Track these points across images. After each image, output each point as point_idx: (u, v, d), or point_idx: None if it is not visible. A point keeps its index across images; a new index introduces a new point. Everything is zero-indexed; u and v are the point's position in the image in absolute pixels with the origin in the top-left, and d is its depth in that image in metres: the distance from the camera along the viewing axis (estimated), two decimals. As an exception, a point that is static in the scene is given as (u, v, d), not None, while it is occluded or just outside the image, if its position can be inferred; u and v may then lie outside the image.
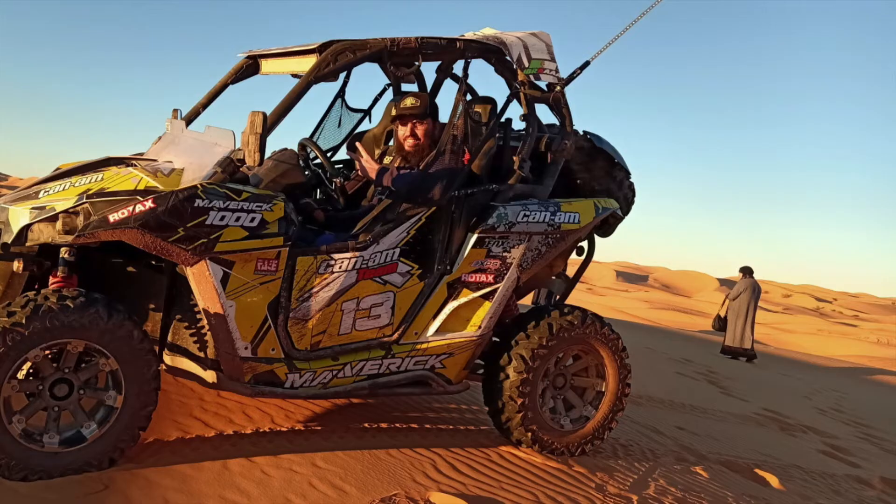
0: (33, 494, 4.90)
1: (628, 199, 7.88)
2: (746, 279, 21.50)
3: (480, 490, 6.02)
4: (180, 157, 5.97)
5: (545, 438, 7.05)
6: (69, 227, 5.16)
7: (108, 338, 5.16)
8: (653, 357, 17.05)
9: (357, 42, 6.08)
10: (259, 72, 7.18)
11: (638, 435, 9.03)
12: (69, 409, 5.28)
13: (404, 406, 7.96)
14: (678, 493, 7.08)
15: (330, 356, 6.21)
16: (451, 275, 6.57)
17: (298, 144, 7.40)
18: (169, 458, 5.65)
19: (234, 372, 5.83)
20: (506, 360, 6.88)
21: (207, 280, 5.50)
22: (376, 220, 6.21)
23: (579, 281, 8.10)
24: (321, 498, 5.42)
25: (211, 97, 7.32)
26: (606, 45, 7.04)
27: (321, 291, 6.00)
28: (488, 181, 6.74)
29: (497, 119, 6.92)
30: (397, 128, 7.04)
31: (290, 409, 7.10)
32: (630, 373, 7.49)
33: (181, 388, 7.07)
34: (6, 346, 4.84)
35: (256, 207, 5.55)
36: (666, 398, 12.13)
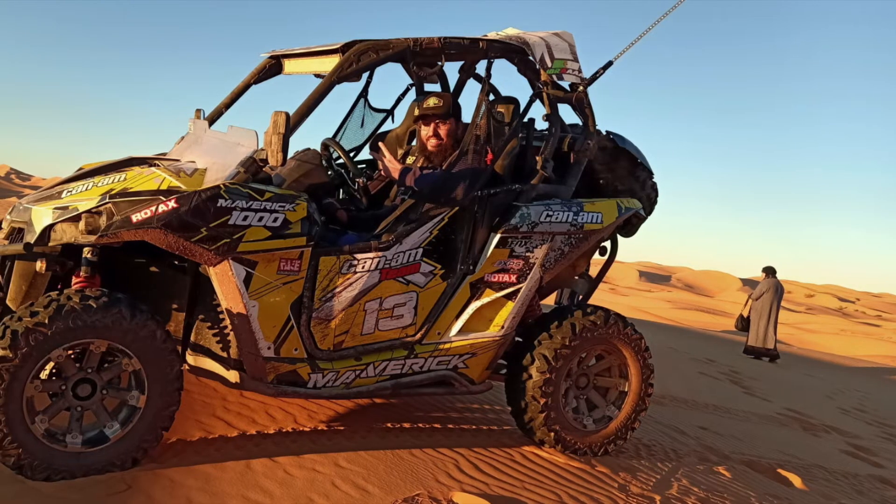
0: (56, 494, 4.86)
1: (651, 199, 7.79)
2: (769, 279, 21.35)
3: (503, 490, 5.96)
4: (203, 157, 5.92)
5: (568, 438, 6.99)
6: (92, 227, 5.13)
7: (130, 338, 5.12)
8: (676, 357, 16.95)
9: (380, 42, 6.03)
10: (282, 72, 7.13)
11: (661, 435, 8.94)
12: (92, 409, 5.23)
13: (427, 406, 7.89)
14: (701, 493, 7.00)
15: (353, 356, 6.16)
16: (474, 275, 6.50)
17: (321, 144, 7.31)
18: (192, 457, 5.61)
19: (257, 372, 5.78)
20: (529, 360, 6.81)
21: (230, 280, 5.45)
22: (399, 220, 6.16)
23: (602, 281, 8.02)
24: (344, 498, 5.37)
25: (234, 97, 7.28)
26: (629, 45, 6.96)
27: (344, 291, 5.94)
28: (511, 181, 6.68)
29: (520, 119, 6.86)
30: (420, 128, 6.98)
31: (313, 409, 7.04)
32: (653, 373, 7.42)
33: (204, 388, 7.03)
34: (29, 346, 4.81)
35: (279, 207, 5.51)
36: (689, 398, 12.04)
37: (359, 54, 5.95)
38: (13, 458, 4.89)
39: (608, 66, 6.97)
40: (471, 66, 7.78)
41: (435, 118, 6.84)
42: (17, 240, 5.65)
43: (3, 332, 4.83)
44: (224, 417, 6.50)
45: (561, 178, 6.98)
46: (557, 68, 6.78)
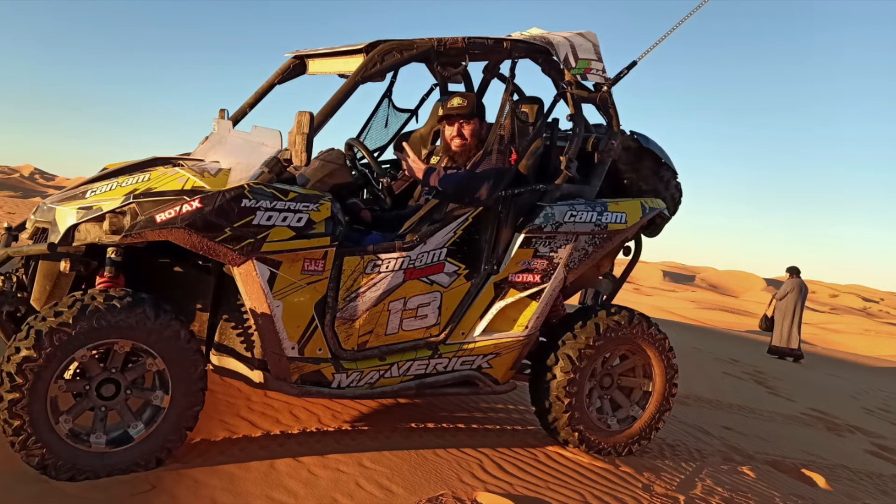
0: (80, 494, 4.83)
1: (675, 199, 7.69)
2: (793, 279, 21.22)
3: (527, 490, 5.91)
4: (227, 156, 5.88)
5: (592, 438, 6.93)
6: (116, 227, 5.10)
7: (155, 338, 5.09)
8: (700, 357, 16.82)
9: (404, 42, 5.97)
10: (306, 72, 7.09)
11: (685, 435, 8.86)
12: (116, 409, 5.20)
13: (451, 406, 7.84)
14: (725, 493, 6.93)
15: (377, 356, 6.11)
16: (498, 275, 6.44)
17: (345, 144, 7.32)
18: (216, 457, 5.57)
19: (281, 372, 5.74)
20: (553, 360, 6.76)
21: (254, 280, 5.41)
22: (423, 220, 6.11)
23: (626, 281, 7.95)
24: (368, 498, 5.32)
25: (258, 97, 7.25)
26: (654, 44, 6.88)
27: (368, 291, 5.89)
28: (535, 181, 6.62)
29: (544, 119, 6.79)
30: (444, 128, 6.92)
31: (337, 410, 7.00)
32: (677, 373, 7.34)
33: (228, 388, 7.00)
34: (53, 346, 4.77)
35: (303, 207, 5.46)
36: (713, 398, 11.94)
37: (383, 54, 5.90)
38: (37, 458, 4.86)
39: (632, 66, 6.91)
40: (495, 66, 7.72)
41: (459, 118, 6.77)
42: (41, 240, 5.64)
43: (28, 332, 4.80)
44: (248, 417, 6.46)
45: (585, 178, 6.90)
46: (581, 68, 6.71)
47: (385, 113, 8.08)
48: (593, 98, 6.94)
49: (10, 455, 4.95)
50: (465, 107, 6.74)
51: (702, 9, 7.07)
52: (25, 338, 4.79)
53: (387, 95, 8.05)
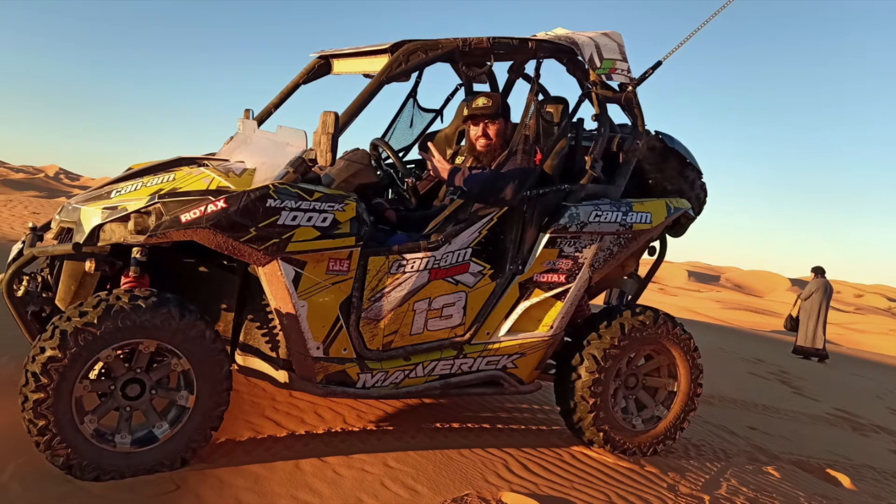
0: (105, 494, 4.78)
1: (700, 199, 7.60)
2: (818, 279, 21.08)
3: (552, 490, 5.85)
4: (252, 156, 5.84)
5: (617, 438, 6.86)
6: (141, 227, 5.04)
7: (180, 338, 5.02)
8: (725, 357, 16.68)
9: (429, 42, 5.90)
10: (331, 72, 7.04)
11: (710, 435, 8.76)
12: (141, 409, 5.14)
13: (476, 406, 7.77)
14: (750, 493, 6.85)
15: (402, 356, 6.04)
16: (523, 275, 6.36)
17: (370, 144, 7.29)
18: (241, 458, 5.51)
19: (305, 372, 5.68)
20: (578, 360, 6.69)
21: (279, 280, 5.35)
22: (448, 220, 6.02)
23: (651, 281, 7.86)
24: (393, 498, 5.27)
25: (283, 97, 7.19)
26: (678, 44, 6.78)
27: (393, 291, 5.82)
28: (560, 181, 6.52)
29: (569, 119, 6.67)
30: (469, 128, 6.85)
31: (362, 410, 6.93)
32: (702, 372, 7.24)
33: (253, 388, 6.94)
34: (78, 346, 4.71)
35: (328, 207, 5.39)
36: (738, 398, 11.82)
37: (408, 54, 5.82)
38: (62, 457, 4.80)
39: (657, 66, 6.83)
40: (520, 66, 7.65)
41: (484, 118, 6.71)
42: (66, 240, 5.57)
43: (53, 333, 4.74)
44: (273, 417, 6.40)
45: (610, 178, 6.82)
46: (606, 68, 6.62)
47: (410, 113, 8.02)
48: (618, 98, 6.86)
49: (36, 455, 4.88)
50: (490, 107, 6.68)
51: (727, 8, 7.01)
52: (50, 338, 4.73)
53: (412, 95, 7.98)
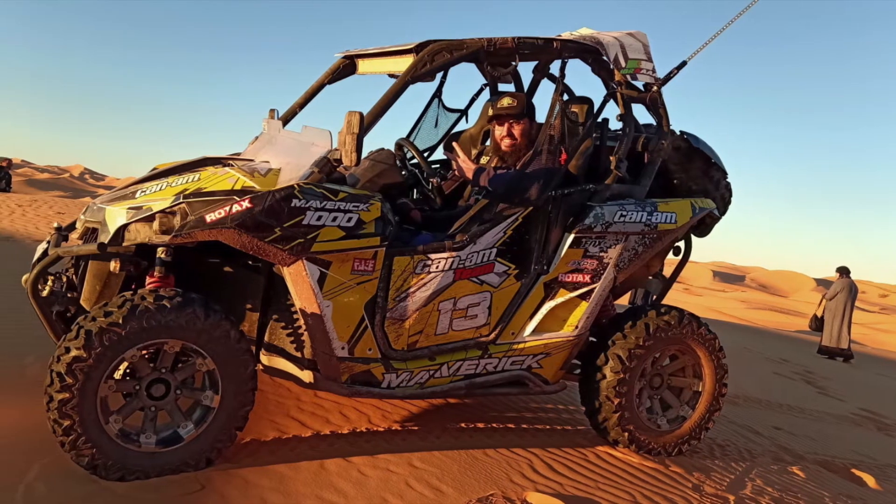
0: (130, 494, 4.71)
1: (725, 199, 7.52)
2: (843, 279, 20.97)
3: (577, 490, 5.77)
4: (277, 157, 5.75)
5: (642, 438, 6.78)
6: (166, 227, 4.98)
7: (204, 338, 4.95)
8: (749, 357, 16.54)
9: (454, 42, 5.83)
10: (356, 72, 6.97)
11: (735, 435, 8.65)
12: (166, 409, 5.07)
13: (501, 406, 7.68)
14: (775, 493, 6.75)
15: (427, 356, 5.96)
16: (548, 275, 6.27)
17: (395, 144, 7.22)
18: (266, 457, 5.44)
19: (330, 372, 5.60)
20: (603, 360, 6.61)
21: (304, 280, 5.27)
22: (473, 220, 5.95)
23: (676, 281, 7.75)
24: (418, 498, 5.19)
25: (308, 97, 7.12)
26: (703, 44, 6.68)
27: (418, 291, 5.75)
28: (585, 181, 6.43)
29: (594, 119, 6.58)
30: (494, 128, 6.80)
31: (387, 410, 6.87)
32: (727, 373, 7.15)
33: (278, 388, 6.88)
34: (103, 346, 4.64)
35: (353, 207, 5.32)
36: (762, 398, 11.69)
37: (433, 54, 5.75)
38: (87, 457, 4.73)
39: (682, 66, 6.70)
40: (545, 66, 7.56)
41: (509, 118, 6.65)
42: (91, 240, 5.49)
43: (78, 333, 4.67)
44: (298, 417, 6.34)
45: (635, 178, 6.72)
46: (631, 68, 6.54)
47: (435, 113, 7.96)
48: (643, 98, 6.77)
49: (61, 455, 4.82)
50: (515, 107, 6.61)
51: (752, 8, 6.94)
52: (75, 338, 4.66)
53: (437, 95, 7.93)
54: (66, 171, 69.27)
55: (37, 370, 6.46)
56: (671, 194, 7.06)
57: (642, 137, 6.92)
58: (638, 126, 7.05)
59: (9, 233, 13.07)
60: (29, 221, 14.60)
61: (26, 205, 16.63)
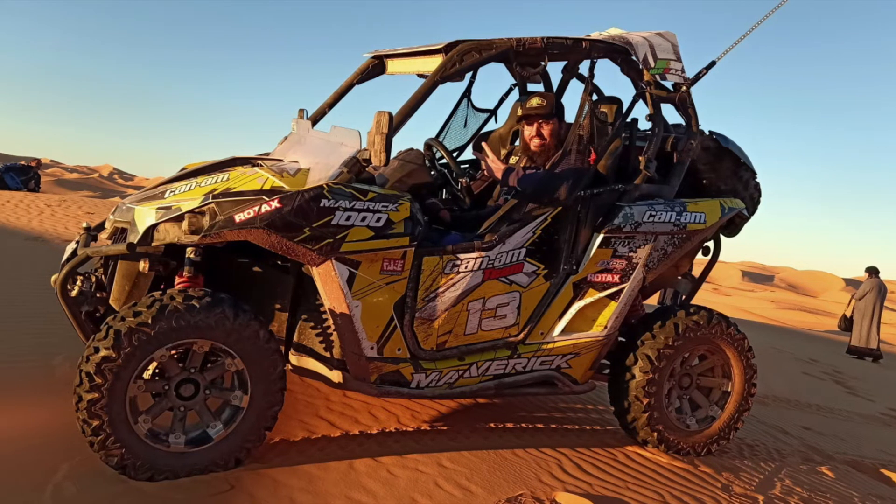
0: (159, 494, 4.63)
1: (754, 199, 7.39)
2: (872, 279, 20.81)
3: (606, 490, 5.67)
4: (306, 156, 5.64)
5: (671, 438, 6.66)
6: (195, 227, 4.88)
7: (234, 338, 4.86)
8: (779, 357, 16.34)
9: (483, 42, 5.72)
10: (385, 72, 6.89)
11: (764, 435, 8.49)
12: (195, 409, 4.98)
13: (530, 406, 7.56)
14: (804, 493, 6.62)
15: (456, 356, 5.85)
16: (577, 275, 6.16)
17: (424, 144, 7.10)
18: (295, 457, 5.35)
19: (360, 372, 5.50)
20: (632, 359, 6.50)
21: (333, 280, 5.17)
22: (502, 220, 5.84)
23: (705, 281, 7.61)
24: (447, 498, 5.09)
25: (337, 97, 7.05)
26: (733, 44, 6.57)
27: (447, 291, 5.65)
28: (614, 181, 6.32)
29: (623, 119, 6.48)
30: (523, 128, 6.69)
31: (416, 410, 6.78)
32: (756, 373, 7.01)
33: (307, 388, 6.78)
34: (132, 346, 4.56)
35: (382, 207, 5.22)
36: (792, 398, 11.52)
37: (462, 54, 5.64)
38: (116, 457, 4.66)
39: (711, 65, 6.58)
40: (574, 66, 7.42)
41: (538, 118, 6.54)
42: (120, 240, 5.44)
43: (107, 333, 4.59)
44: (327, 417, 6.24)
45: (664, 178, 6.61)
46: (660, 68, 6.42)
47: (464, 113, 7.85)
48: (672, 98, 6.64)
49: (90, 455, 4.75)
50: (544, 107, 6.51)
51: (781, 8, 6.86)
52: (104, 338, 4.58)
53: (466, 95, 7.83)
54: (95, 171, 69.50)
55: (66, 370, 6.40)
56: (700, 194, 6.95)
57: (671, 137, 6.81)
58: (667, 126, 6.95)
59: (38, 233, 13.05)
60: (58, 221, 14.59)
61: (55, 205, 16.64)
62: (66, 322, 5.62)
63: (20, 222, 13.89)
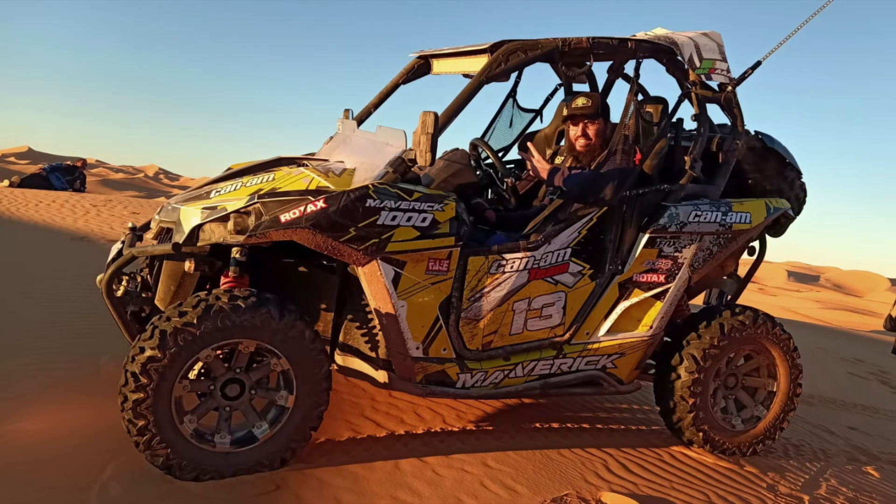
0: (205, 494, 4.52)
1: (799, 199, 7.17)
2: (919, 279, 20.71)
3: (652, 490, 5.51)
4: (352, 156, 5.51)
5: (717, 438, 6.48)
6: (240, 227, 4.76)
7: (279, 338, 4.72)
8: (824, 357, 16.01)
9: (529, 42, 5.55)
10: (430, 72, 6.76)
11: (809, 435, 8.22)
12: (240, 409, 4.85)
13: (575, 406, 7.38)
14: (849, 493, 6.41)
15: (501, 356, 5.69)
16: (623, 275, 5.99)
17: (470, 144, 6.96)
18: (340, 457, 5.21)
19: (405, 372, 5.35)
20: (677, 359, 6.32)
21: (379, 280, 5.02)
22: (548, 220, 5.67)
23: (751, 281, 7.44)
24: (492, 498, 4.94)
25: (382, 97, 6.95)
26: (778, 44, 6.39)
27: (492, 291, 5.49)
28: (660, 181, 6.14)
29: (669, 119, 6.30)
30: (569, 128, 6.54)
31: (462, 410, 6.61)
32: (801, 373, 6.80)
33: (353, 388, 6.64)
34: (178, 346, 4.43)
35: (428, 207, 5.07)
36: (837, 398, 11.22)
37: (507, 54, 5.47)
38: (162, 458, 4.54)
39: (757, 65, 6.38)
40: (619, 66, 7.25)
41: (584, 118, 6.39)
42: (165, 240, 5.32)
43: (152, 333, 4.47)
44: (373, 417, 6.11)
45: (709, 178, 6.42)
46: (706, 68, 6.24)
47: (509, 113, 7.70)
48: (718, 98, 6.43)
49: (135, 455, 4.63)
50: (589, 107, 6.36)
51: (828, 7, 6.72)
52: (150, 338, 4.46)
53: (511, 95, 7.67)
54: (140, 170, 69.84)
55: (111, 370, 6.31)
56: (746, 194, 6.76)
57: (717, 137, 6.60)
58: (712, 126, 6.76)
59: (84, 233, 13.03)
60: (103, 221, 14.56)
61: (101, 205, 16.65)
62: (111, 322, 5.52)
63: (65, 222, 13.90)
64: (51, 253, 10.91)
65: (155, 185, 60.22)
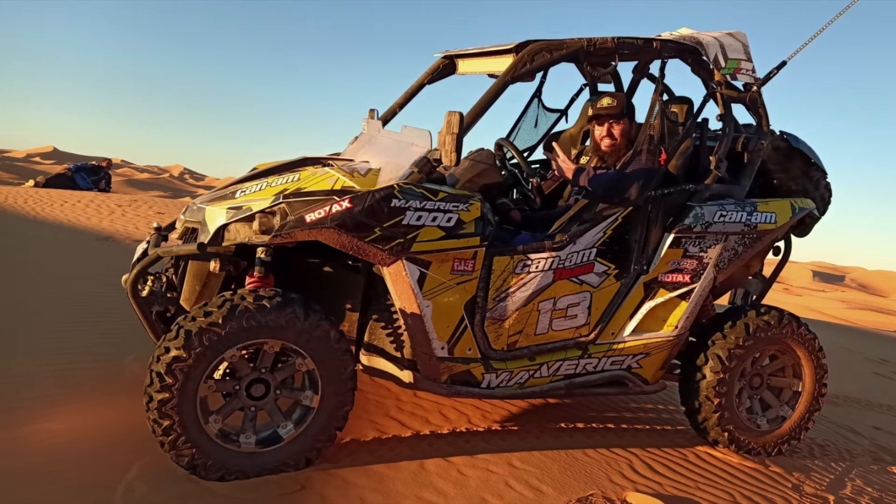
0: (230, 494, 4.43)
1: (825, 199, 7.02)
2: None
3: (677, 490, 5.39)
4: (377, 156, 5.41)
5: (742, 438, 6.34)
6: (266, 228, 4.67)
7: (304, 338, 4.62)
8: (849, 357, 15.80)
9: (554, 42, 5.41)
10: (455, 72, 6.66)
11: (834, 435, 8.04)
12: (266, 409, 4.75)
13: (600, 406, 7.25)
14: (875, 492, 6.26)
15: (526, 356, 5.57)
16: (648, 275, 5.85)
17: (495, 144, 6.86)
18: (366, 457, 5.11)
19: (430, 372, 5.24)
20: (702, 359, 6.19)
21: (404, 280, 4.92)
22: (573, 220, 5.55)
23: (776, 281, 7.30)
24: (518, 498, 4.83)
25: (407, 97, 6.86)
26: (804, 44, 6.26)
27: (518, 291, 5.37)
28: (685, 181, 6.02)
29: (694, 119, 6.16)
30: (594, 128, 6.41)
31: (487, 410, 6.49)
32: (826, 372, 6.64)
33: (378, 388, 6.54)
34: (203, 346, 4.35)
35: (453, 207, 4.96)
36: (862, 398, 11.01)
37: (532, 54, 5.34)
38: (187, 457, 4.46)
39: (782, 65, 6.24)
40: (644, 66, 7.13)
41: (609, 118, 6.27)
42: (190, 240, 5.25)
43: (177, 333, 4.38)
44: (398, 417, 6.00)
45: (734, 178, 6.28)
46: (731, 68, 6.10)
47: (535, 113, 7.58)
48: (743, 98, 6.27)
49: (160, 455, 4.55)
50: (614, 107, 6.23)
51: (853, 7, 6.61)
52: (175, 338, 4.38)
53: (536, 95, 7.55)
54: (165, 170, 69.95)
55: (136, 370, 6.24)
56: (771, 194, 6.62)
57: (742, 137, 6.46)
58: (738, 126, 6.61)
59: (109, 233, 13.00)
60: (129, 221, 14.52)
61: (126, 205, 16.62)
62: (136, 322, 5.46)
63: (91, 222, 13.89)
64: (75, 253, 10.89)
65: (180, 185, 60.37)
